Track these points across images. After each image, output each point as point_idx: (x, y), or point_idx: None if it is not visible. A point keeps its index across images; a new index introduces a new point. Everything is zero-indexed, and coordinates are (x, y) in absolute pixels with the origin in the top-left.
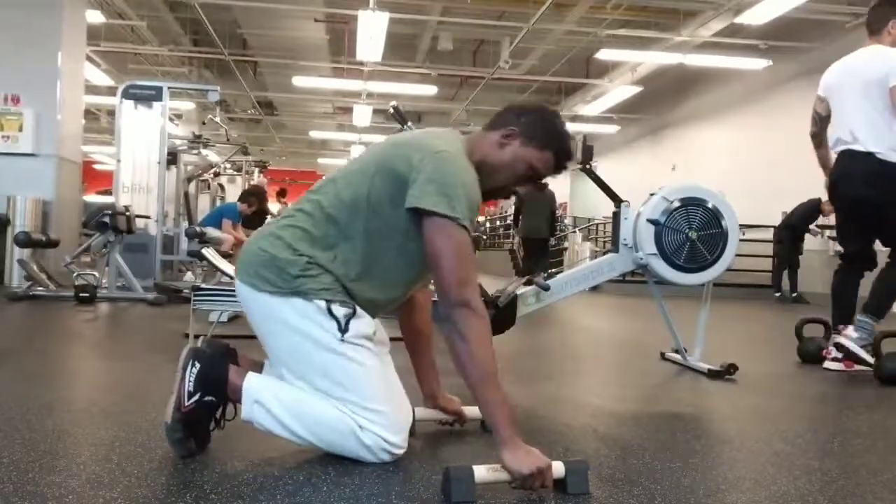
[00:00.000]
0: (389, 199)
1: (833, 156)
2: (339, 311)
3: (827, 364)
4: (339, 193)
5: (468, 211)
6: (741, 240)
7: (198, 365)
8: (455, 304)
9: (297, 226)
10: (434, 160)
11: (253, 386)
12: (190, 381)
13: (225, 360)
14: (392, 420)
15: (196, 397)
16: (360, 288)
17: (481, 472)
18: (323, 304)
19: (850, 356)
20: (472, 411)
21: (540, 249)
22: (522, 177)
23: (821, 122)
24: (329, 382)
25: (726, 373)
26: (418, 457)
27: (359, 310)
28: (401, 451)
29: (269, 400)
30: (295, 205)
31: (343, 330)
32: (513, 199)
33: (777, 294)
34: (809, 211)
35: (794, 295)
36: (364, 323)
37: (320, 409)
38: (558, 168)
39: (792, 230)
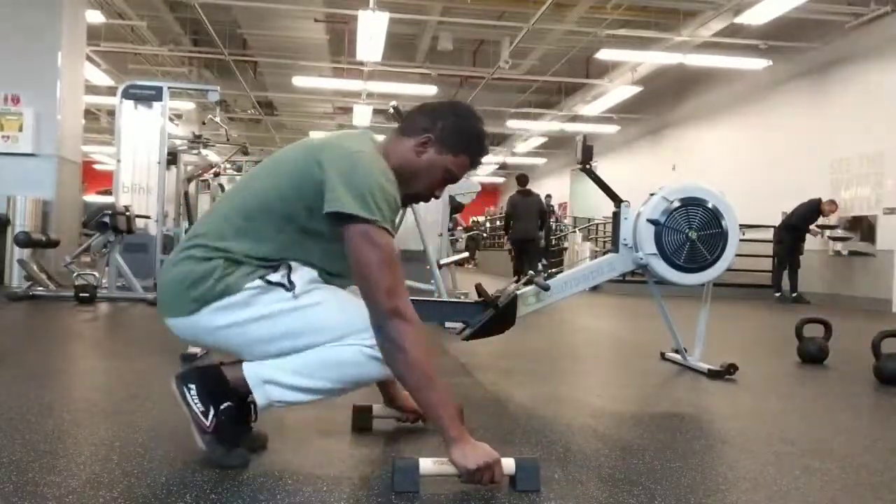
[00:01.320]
0: (304, 206)
1: None
2: (275, 276)
3: None
4: (246, 204)
5: (388, 212)
6: (741, 240)
7: (192, 385)
8: (386, 315)
9: (202, 244)
10: (348, 162)
11: (253, 369)
12: (196, 403)
13: (213, 365)
14: None
15: (213, 411)
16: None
17: (427, 464)
18: (256, 282)
19: None
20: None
21: (532, 250)
22: (439, 181)
23: None
24: (309, 337)
25: (726, 373)
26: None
27: (293, 263)
28: None
29: (275, 374)
30: (195, 227)
31: (290, 287)
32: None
33: (777, 294)
34: (810, 211)
35: (794, 295)
36: (305, 272)
37: (328, 354)
38: (473, 167)
39: (792, 230)
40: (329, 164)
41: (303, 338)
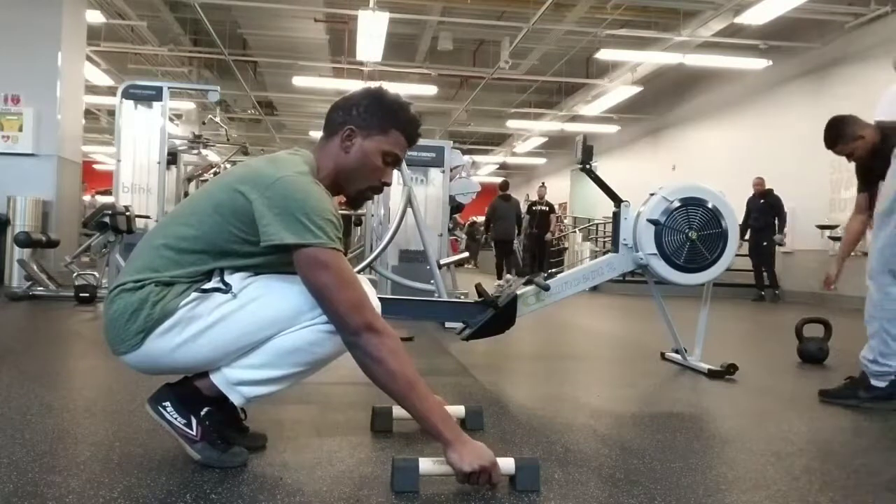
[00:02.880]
0: (237, 239)
1: None
2: (209, 284)
3: None
4: (178, 238)
5: (331, 229)
6: (741, 240)
7: (166, 403)
8: (360, 331)
9: (132, 279)
10: (273, 190)
11: (220, 374)
12: (176, 418)
13: (181, 379)
14: None
15: (195, 420)
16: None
17: (427, 464)
18: (192, 295)
19: None
20: (452, 411)
21: (510, 250)
22: (380, 168)
23: None
24: (264, 331)
25: (726, 373)
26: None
27: (225, 269)
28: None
29: (243, 374)
30: (124, 267)
31: (227, 289)
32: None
33: (762, 293)
34: (750, 203)
35: (775, 293)
36: (238, 273)
37: (287, 341)
38: (412, 141)
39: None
40: (255, 196)
41: (258, 333)
